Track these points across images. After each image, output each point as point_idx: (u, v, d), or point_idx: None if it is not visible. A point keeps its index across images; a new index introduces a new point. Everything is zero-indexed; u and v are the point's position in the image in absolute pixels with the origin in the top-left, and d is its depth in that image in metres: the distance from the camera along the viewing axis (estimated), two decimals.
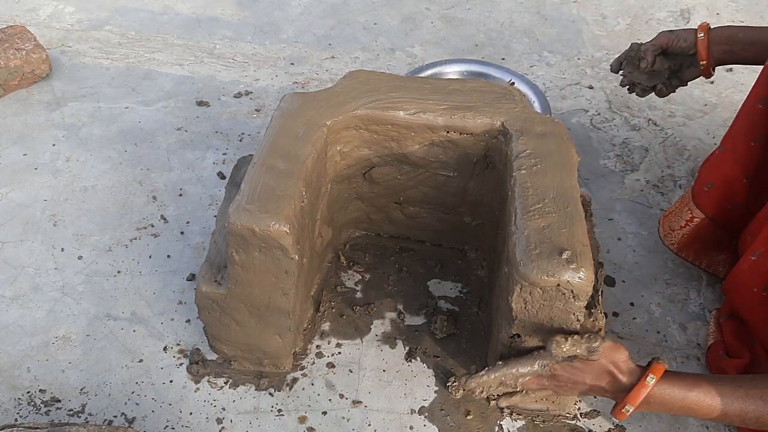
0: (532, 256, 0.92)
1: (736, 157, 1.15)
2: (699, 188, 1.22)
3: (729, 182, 1.17)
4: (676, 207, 1.29)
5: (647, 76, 1.37)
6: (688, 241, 1.26)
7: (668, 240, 1.29)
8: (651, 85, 1.39)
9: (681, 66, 1.36)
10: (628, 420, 1.09)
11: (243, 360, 1.14)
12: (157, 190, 1.47)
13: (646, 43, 1.35)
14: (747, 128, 1.13)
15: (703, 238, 1.25)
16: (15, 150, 1.56)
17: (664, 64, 1.35)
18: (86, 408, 1.10)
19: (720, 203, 1.20)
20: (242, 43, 1.92)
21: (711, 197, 1.20)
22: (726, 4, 2.10)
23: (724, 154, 1.18)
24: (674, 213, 1.28)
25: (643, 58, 1.33)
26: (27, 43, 1.69)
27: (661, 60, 1.35)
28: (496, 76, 1.61)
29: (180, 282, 1.29)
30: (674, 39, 1.31)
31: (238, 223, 0.96)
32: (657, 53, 1.33)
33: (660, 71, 1.36)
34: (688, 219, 1.24)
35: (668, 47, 1.33)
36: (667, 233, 1.29)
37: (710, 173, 1.21)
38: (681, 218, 1.26)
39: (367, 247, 1.35)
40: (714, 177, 1.19)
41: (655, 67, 1.35)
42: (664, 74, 1.37)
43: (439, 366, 1.17)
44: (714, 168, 1.20)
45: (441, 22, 2.02)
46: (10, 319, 1.23)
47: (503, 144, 1.12)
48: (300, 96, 1.15)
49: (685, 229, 1.25)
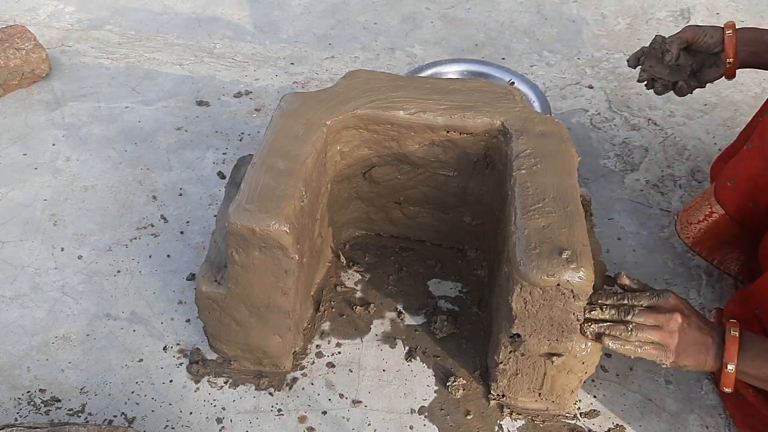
0: (532, 255, 0.92)
1: (764, 154, 1.10)
2: (722, 183, 1.18)
3: (753, 179, 1.12)
4: (696, 201, 1.25)
5: (669, 71, 1.31)
6: (704, 236, 1.23)
7: (684, 233, 1.26)
8: (673, 80, 1.32)
9: (702, 65, 1.30)
10: (628, 420, 1.10)
11: (243, 360, 1.14)
12: (157, 189, 1.47)
13: (671, 36, 1.29)
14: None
15: (719, 235, 1.22)
16: (15, 150, 1.56)
17: (688, 60, 1.30)
18: (86, 408, 1.10)
19: (742, 200, 1.16)
20: (242, 42, 1.92)
21: (733, 193, 1.16)
22: (726, 3, 2.10)
23: (752, 151, 1.13)
24: (694, 207, 1.25)
25: (668, 50, 1.27)
26: (27, 43, 1.69)
27: (685, 55, 1.29)
28: (496, 75, 1.61)
29: (180, 282, 1.29)
30: (701, 34, 1.26)
31: (238, 223, 0.96)
32: (682, 47, 1.28)
33: (684, 66, 1.30)
34: (707, 214, 1.21)
35: (694, 42, 1.26)
36: (684, 226, 1.26)
37: (735, 169, 1.16)
38: (700, 212, 1.22)
39: (367, 246, 1.35)
40: (738, 173, 1.15)
41: (679, 62, 1.29)
42: (687, 70, 1.31)
43: (439, 366, 1.17)
44: (740, 164, 1.16)
45: (441, 21, 2.02)
46: (10, 319, 1.23)
47: (503, 144, 1.12)
48: (300, 96, 1.15)
49: (702, 223, 1.22)
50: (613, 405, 1.12)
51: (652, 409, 1.12)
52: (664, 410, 1.12)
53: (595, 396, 1.13)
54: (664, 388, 1.15)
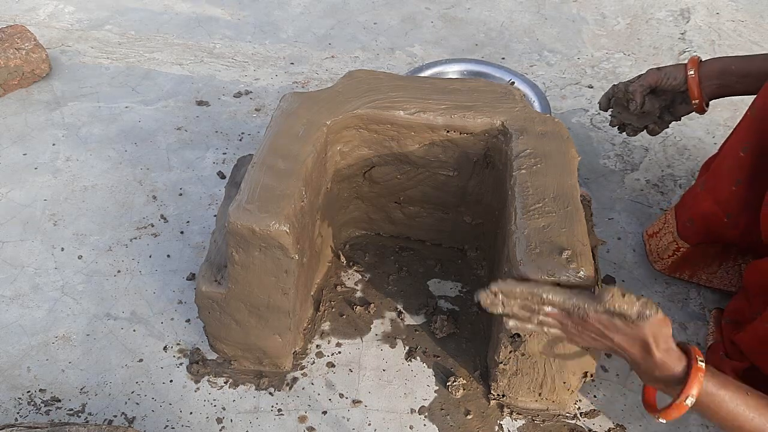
0: (532, 255, 0.92)
1: (717, 198, 1.15)
2: (682, 222, 1.24)
3: (708, 220, 1.18)
4: (659, 229, 1.31)
5: (637, 117, 1.31)
6: (679, 266, 1.29)
7: (659, 266, 1.31)
8: (642, 125, 1.32)
9: (673, 101, 1.28)
10: (628, 420, 1.10)
11: (243, 359, 1.14)
12: (157, 189, 1.47)
13: (633, 83, 1.27)
14: (729, 173, 1.12)
15: (694, 260, 1.27)
16: (15, 150, 1.56)
17: (655, 103, 1.27)
18: (86, 408, 1.10)
19: (702, 236, 1.22)
20: (242, 42, 1.92)
21: (693, 232, 1.22)
22: (726, 3, 2.10)
23: (704, 194, 1.18)
24: (660, 236, 1.30)
25: (632, 99, 1.26)
26: (27, 43, 1.69)
27: (651, 99, 1.27)
28: (496, 75, 1.62)
29: (180, 282, 1.29)
30: (663, 77, 1.24)
31: (238, 223, 0.96)
32: (646, 93, 1.26)
33: (651, 111, 1.28)
34: (675, 249, 1.26)
35: (657, 86, 1.25)
36: (656, 260, 1.32)
37: (690, 210, 1.22)
38: (668, 248, 1.28)
39: (367, 246, 1.35)
40: (694, 214, 1.20)
41: (645, 108, 1.27)
42: (655, 113, 1.29)
43: (439, 366, 1.17)
44: (694, 205, 1.21)
45: (441, 21, 2.02)
46: (10, 319, 1.23)
47: (503, 143, 1.12)
48: (300, 96, 1.15)
49: (673, 257, 1.27)
50: (613, 405, 1.12)
51: None
52: None
53: (595, 396, 1.13)
54: None
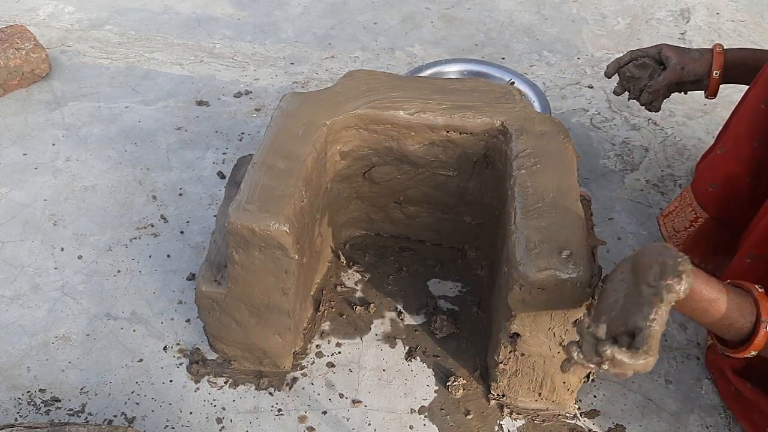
0: (532, 255, 0.92)
1: (739, 157, 1.14)
2: (703, 189, 1.22)
3: (732, 182, 1.17)
4: (675, 207, 1.28)
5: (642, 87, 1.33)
6: (693, 242, 1.26)
7: (673, 242, 1.28)
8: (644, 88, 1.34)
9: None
10: (628, 420, 1.10)
11: (243, 359, 1.14)
12: (157, 189, 1.47)
13: (653, 83, 1.29)
14: (750, 129, 1.13)
15: (708, 239, 1.24)
16: (15, 150, 1.56)
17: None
18: (86, 408, 1.10)
19: (724, 203, 1.19)
20: (242, 42, 1.92)
21: (715, 197, 1.20)
22: (726, 3, 2.10)
23: (725, 155, 1.17)
24: (676, 213, 1.28)
25: (653, 102, 1.31)
26: (27, 43, 1.69)
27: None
28: (496, 75, 1.61)
29: (180, 282, 1.29)
30: (685, 76, 1.27)
31: (238, 223, 0.96)
32: (666, 95, 1.31)
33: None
34: (693, 219, 1.24)
35: (678, 81, 1.29)
36: (671, 234, 1.29)
37: (713, 174, 1.20)
38: (685, 219, 1.25)
39: (367, 246, 1.35)
40: (717, 177, 1.19)
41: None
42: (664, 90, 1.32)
43: (439, 366, 1.17)
44: (717, 169, 1.20)
45: (441, 21, 2.02)
46: (10, 319, 1.23)
47: (503, 143, 1.12)
48: (300, 96, 1.15)
49: (689, 230, 1.25)
50: (613, 405, 1.12)
51: (652, 409, 1.12)
52: (664, 410, 1.12)
53: (595, 396, 1.13)
54: (664, 388, 1.15)
